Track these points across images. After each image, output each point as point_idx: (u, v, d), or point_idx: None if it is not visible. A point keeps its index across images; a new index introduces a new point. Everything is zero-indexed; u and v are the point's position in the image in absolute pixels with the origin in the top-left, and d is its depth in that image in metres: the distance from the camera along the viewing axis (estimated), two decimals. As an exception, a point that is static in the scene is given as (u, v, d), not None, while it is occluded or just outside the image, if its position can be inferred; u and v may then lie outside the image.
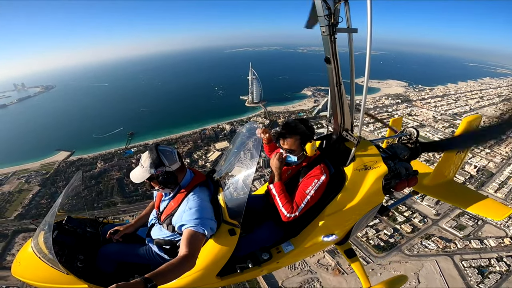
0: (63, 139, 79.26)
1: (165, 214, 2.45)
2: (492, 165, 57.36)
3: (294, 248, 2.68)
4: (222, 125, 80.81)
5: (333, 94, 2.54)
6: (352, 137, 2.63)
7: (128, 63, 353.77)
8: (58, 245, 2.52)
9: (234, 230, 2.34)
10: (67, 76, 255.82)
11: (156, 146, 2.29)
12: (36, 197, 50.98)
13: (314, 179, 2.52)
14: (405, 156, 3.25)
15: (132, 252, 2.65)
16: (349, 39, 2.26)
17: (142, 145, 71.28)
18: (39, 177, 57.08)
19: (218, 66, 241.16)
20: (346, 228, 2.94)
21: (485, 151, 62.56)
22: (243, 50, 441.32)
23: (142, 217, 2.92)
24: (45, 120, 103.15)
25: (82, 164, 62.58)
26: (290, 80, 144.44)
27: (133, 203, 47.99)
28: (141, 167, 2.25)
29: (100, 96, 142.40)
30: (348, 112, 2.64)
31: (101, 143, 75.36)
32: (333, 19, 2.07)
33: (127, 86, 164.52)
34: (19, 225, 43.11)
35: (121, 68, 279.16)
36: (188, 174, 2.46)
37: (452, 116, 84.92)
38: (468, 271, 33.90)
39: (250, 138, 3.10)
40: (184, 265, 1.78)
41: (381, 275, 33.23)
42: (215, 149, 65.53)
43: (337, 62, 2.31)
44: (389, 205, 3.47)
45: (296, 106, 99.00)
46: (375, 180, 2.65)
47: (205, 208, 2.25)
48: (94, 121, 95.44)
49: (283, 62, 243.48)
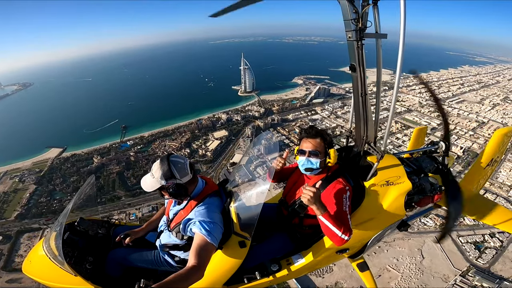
0: (52, 136, 76.70)
1: (174, 222, 2.42)
2: (476, 146, 61.41)
3: (305, 261, 2.58)
4: (217, 114, 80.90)
5: (357, 105, 2.33)
6: (376, 151, 2.43)
7: (111, 57, 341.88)
8: (69, 246, 2.57)
9: (245, 242, 2.29)
10: (46, 73, 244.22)
11: (168, 157, 2.24)
12: (34, 195, 49.66)
13: (342, 194, 2.33)
14: (431, 170, 3.05)
15: (140, 258, 2.65)
16: (377, 45, 2.09)
17: (138, 138, 70.44)
18: (33, 176, 55.39)
19: (205, 58, 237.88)
20: (362, 243, 2.80)
21: (469, 133, 66.91)
22: (228, 41, 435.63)
23: (153, 222, 2.91)
24: (29, 118, 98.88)
25: (77, 160, 61.16)
26: (279, 70, 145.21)
27: (137, 196, 47.65)
28: (152, 176, 2.22)
29: (84, 92, 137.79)
30: (372, 124, 2.43)
31: (94, 138, 73.66)
32: (361, 23, 1.90)
33: (112, 81, 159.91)
34: (21, 225, 42.11)
35: (104, 63, 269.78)
36: (200, 183, 2.41)
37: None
38: (466, 247, 36.29)
39: (266, 149, 2.96)
40: (192, 276, 1.76)
41: (387, 251, 35.53)
42: (214, 138, 65.74)
43: (363, 70, 2.13)
44: (408, 218, 3.22)
45: (288, 94, 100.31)
46: (397, 197, 2.49)
47: (214, 219, 2.20)
48: (83, 117, 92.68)
49: (270, 52, 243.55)
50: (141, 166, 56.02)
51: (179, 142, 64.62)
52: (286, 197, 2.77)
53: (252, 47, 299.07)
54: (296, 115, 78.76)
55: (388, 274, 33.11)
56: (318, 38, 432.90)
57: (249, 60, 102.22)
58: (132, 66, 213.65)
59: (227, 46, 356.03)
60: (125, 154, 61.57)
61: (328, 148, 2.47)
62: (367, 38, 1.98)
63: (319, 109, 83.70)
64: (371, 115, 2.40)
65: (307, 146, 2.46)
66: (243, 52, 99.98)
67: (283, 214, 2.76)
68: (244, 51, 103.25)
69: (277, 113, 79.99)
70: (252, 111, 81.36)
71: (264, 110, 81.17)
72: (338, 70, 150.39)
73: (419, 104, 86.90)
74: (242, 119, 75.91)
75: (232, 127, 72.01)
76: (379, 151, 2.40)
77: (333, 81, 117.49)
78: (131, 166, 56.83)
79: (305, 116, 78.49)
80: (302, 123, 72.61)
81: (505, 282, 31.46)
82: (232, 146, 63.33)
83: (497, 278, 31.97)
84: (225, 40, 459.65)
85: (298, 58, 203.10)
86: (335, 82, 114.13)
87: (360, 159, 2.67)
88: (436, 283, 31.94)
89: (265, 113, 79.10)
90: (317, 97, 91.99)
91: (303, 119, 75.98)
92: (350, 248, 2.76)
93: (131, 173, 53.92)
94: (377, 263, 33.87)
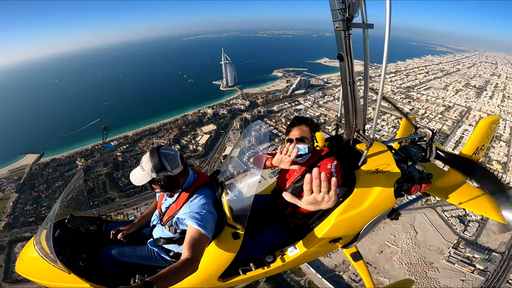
0: (25, 142, 71.60)
1: (167, 215, 2.38)
2: (446, 127, 67.83)
3: (299, 251, 2.59)
4: (203, 109, 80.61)
5: (346, 93, 2.38)
6: (365, 138, 2.47)
7: (76, 57, 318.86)
8: (60, 244, 2.50)
9: (238, 233, 2.28)
10: (2, 76, 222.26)
11: (158, 149, 2.19)
12: (18, 204, 47.10)
13: (327, 163, 2.37)
14: (419, 158, 3.11)
15: (134, 254, 2.60)
16: (364, 35, 2.13)
17: (122, 138, 68.23)
18: (13, 184, 52.09)
19: (180, 54, 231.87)
20: (354, 232, 2.81)
21: (438, 117, 73.58)
22: (202, 37, 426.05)
23: (145, 216, 2.86)
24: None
25: (58, 165, 58.18)
26: (258, 64, 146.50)
27: (132, 196, 46.84)
28: (141, 169, 2.16)
29: (53, 94, 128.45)
30: (361, 112, 2.49)
31: (72, 141, 70.03)
32: (348, 13, 1.93)
33: (81, 82, 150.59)
34: (11, 235, 40.00)
35: (69, 63, 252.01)
36: (191, 175, 2.39)
37: (406, 88, 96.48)
38: (451, 221, 39.63)
39: (257, 139, 3.34)
40: (186, 269, 1.71)
41: (384, 229, 38.30)
42: (203, 133, 65.75)
43: (351, 59, 2.18)
44: (399, 207, 3.30)
45: (270, 87, 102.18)
46: (387, 184, 2.51)
47: (207, 210, 2.17)
48: (55, 120, 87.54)
49: (246, 47, 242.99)
50: (130, 165, 54.62)
51: (167, 139, 63.74)
52: (280, 185, 2.78)
53: (227, 43, 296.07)
54: (281, 106, 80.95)
55: (389, 250, 35.95)
56: (291, 32, 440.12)
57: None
58: (100, 66, 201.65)
59: (201, 42, 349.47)
60: (111, 154, 59.65)
61: (314, 132, 2.57)
62: (354, 28, 2.03)
63: (302, 99, 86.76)
64: (359, 103, 2.45)
65: (293, 134, 2.54)
66: (223, 48, 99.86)
67: (277, 203, 2.78)
68: (220, 47, 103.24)
69: (262, 105, 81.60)
70: (237, 105, 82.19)
71: (250, 103, 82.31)
72: (314, 62, 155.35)
73: (392, 92, 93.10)
74: (229, 112, 76.46)
75: (219, 120, 72.37)
76: (368, 139, 2.42)
77: (311, 72, 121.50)
78: (120, 167, 55.28)
79: (289, 107, 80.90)
80: (287, 113, 74.99)
81: (493, 253, 34.98)
82: (222, 139, 63.84)
83: (486, 250, 35.44)
84: (198, 36, 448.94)
85: (275, 52, 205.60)
86: (314, 74, 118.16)
87: (350, 147, 2.68)
88: (433, 255, 35.04)
89: (250, 106, 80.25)
90: (298, 89, 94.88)
91: (287, 110, 78.42)
92: (343, 238, 2.71)
93: (122, 174, 52.53)
94: (377, 240, 36.58)
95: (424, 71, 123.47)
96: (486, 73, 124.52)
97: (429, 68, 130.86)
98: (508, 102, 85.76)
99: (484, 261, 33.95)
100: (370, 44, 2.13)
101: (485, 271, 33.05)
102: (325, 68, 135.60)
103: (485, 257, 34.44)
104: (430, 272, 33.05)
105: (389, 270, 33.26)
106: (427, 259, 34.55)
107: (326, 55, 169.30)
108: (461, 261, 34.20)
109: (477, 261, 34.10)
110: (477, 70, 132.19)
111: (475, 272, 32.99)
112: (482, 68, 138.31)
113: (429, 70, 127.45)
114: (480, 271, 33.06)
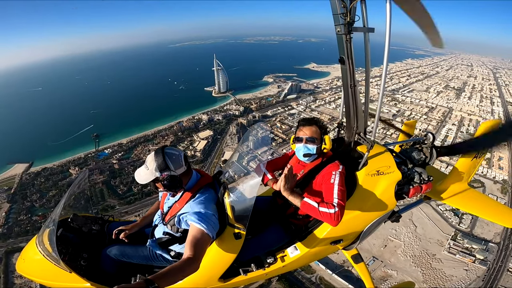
0: (12, 152, 68.69)
1: (169, 215, 2.40)
2: (431, 127, 71.58)
3: (300, 252, 2.59)
4: (197, 116, 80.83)
5: (347, 96, 2.41)
6: (366, 141, 2.50)
7: (60, 64, 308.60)
8: (62, 243, 2.51)
9: (240, 234, 2.27)
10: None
11: (163, 149, 2.23)
12: (11, 214, 45.55)
13: (332, 171, 2.37)
14: (420, 161, 3.15)
15: (136, 253, 2.61)
16: (365, 39, 2.14)
17: (116, 145, 67.21)
18: (3, 194, 50.46)
19: (167, 61, 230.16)
20: (355, 234, 2.83)
21: (423, 117, 77.56)
22: (189, 44, 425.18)
23: (148, 216, 2.86)
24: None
25: (50, 174, 56.48)
26: (247, 70, 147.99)
27: (133, 203, 46.49)
28: (146, 168, 2.19)
29: (39, 102, 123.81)
30: (362, 115, 2.52)
31: (63, 150, 68.25)
32: (349, 18, 1.95)
33: (67, 89, 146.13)
34: (7, 246, 38.64)
35: (52, 70, 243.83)
36: (194, 175, 2.41)
37: (391, 91, 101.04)
38: (446, 214, 41.10)
39: (259, 140, 3.08)
40: (188, 268, 1.70)
41: (385, 223, 39.77)
42: (200, 138, 66.02)
43: (352, 62, 2.20)
44: (400, 210, 3.30)
45: (262, 92, 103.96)
46: (388, 186, 2.55)
47: (210, 210, 2.19)
48: (42, 129, 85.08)
49: (233, 54, 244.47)
50: (127, 173, 53.91)
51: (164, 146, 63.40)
52: None
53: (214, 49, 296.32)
54: (274, 111, 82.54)
55: (392, 244, 37.32)
56: (277, 38, 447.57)
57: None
58: (86, 73, 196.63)
59: (188, 48, 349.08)
60: (107, 162, 58.58)
61: (323, 134, 2.57)
62: (355, 32, 2.07)
63: (294, 104, 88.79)
64: (360, 106, 2.48)
65: (304, 133, 2.54)
66: (215, 54, 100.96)
67: (278, 204, 2.79)
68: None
69: (256, 111, 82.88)
70: (231, 110, 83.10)
71: (244, 108, 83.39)
72: (302, 67, 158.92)
73: (378, 95, 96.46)
74: (224, 118, 77.06)
75: (215, 126, 72.79)
76: (369, 141, 2.46)
77: (300, 77, 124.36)
78: (117, 174, 54.39)
79: (283, 112, 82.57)
80: (281, 118, 76.64)
81: (490, 243, 36.73)
82: (220, 144, 64.30)
83: (482, 240, 37.22)
84: (185, 43, 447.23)
85: (263, 58, 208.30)
86: (303, 79, 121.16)
87: (351, 149, 2.72)
88: (434, 247, 36.58)
89: (245, 111, 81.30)
90: (290, 94, 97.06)
91: (281, 114, 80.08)
92: (344, 239, 2.73)
93: (119, 181, 51.75)
94: (380, 235, 37.80)
95: (406, 74, 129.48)
96: (463, 75, 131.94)
97: (411, 72, 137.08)
98: (486, 102, 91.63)
99: (483, 251, 35.48)
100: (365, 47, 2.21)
101: (485, 261, 34.62)
102: (313, 73, 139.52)
103: (483, 248, 36.09)
104: (435, 264, 34.50)
105: (395, 263, 34.63)
106: (430, 251, 36.09)
107: (313, 60, 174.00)
108: (462, 252, 35.77)
109: (477, 251, 35.67)
110: (454, 72, 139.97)
111: (476, 262, 34.52)
112: (459, 70, 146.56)
113: (411, 73, 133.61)
114: (481, 261, 34.62)
